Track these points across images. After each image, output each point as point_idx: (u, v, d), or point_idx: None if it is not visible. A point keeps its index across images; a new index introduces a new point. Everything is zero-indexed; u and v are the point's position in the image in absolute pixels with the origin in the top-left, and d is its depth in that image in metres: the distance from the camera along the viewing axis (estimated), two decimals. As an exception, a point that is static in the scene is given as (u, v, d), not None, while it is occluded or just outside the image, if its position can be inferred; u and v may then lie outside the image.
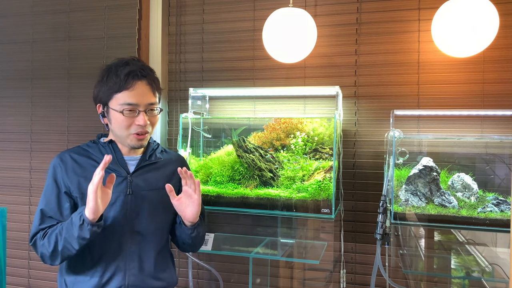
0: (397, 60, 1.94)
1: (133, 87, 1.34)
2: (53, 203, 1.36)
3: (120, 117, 1.34)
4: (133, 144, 1.38)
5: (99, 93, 1.38)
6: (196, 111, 2.07)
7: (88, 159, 1.40)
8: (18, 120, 2.41)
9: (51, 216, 1.35)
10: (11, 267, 2.40)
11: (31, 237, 1.36)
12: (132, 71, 1.34)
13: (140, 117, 1.35)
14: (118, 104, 1.33)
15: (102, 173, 1.21)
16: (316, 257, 1.88)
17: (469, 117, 1.85)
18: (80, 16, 2.31)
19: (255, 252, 1.88)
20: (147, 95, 1.36)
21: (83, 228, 1.23)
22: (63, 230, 1.27)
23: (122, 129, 1.35)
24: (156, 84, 1.41)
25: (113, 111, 1.35)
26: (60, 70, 2.34)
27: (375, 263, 1.68)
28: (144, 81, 1.36)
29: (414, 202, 1.65)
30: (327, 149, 1.81)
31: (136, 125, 1.35)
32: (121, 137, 1.38)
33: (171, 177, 1.48)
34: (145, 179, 1.41)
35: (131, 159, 1.43)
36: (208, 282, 2.16)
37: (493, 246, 1.77)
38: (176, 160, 1.54)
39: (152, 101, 1.38)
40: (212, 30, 2.19)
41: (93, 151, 1.42)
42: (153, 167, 1.45)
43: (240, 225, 2.11)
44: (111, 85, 1.34)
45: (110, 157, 1.22)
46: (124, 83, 1.33)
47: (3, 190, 2.43)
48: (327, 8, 2.03)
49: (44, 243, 1.30)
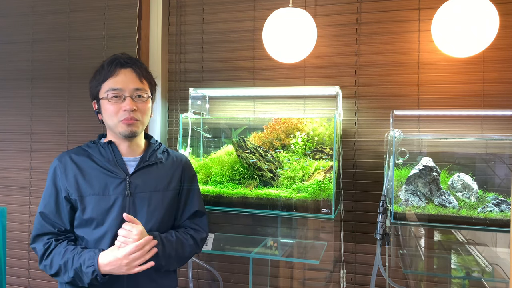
0: (397, 60, 1.94)
1: (116, 74, 1.37)
2: (52, 207, 1.37)
3: (107, 105, 1.37)
4: (123, 131, 1.38)
5: (91, 89, 1.43)
6: (196, 111, 2.07)
7: (87, 159, 1.40)
8: (18, 120, 2.41)
9: (50, 219, 1.36)
10: (11, 267, 2.40)
11: (32, 239, 1.37)
12: (115, 59, 1.39)
13: (126, 101, 1.36)
14: (105, 92, 1.37)
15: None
16: (316, 257, 1.88)
17: (469, 117, 1.85)
18: (80, 16, 2.31)
19: (255, 252, 1.88)
20: (132, 80, 1.38)
21: (97, 279, 1.26)
22: (70, 268, 1.29)
23: (111, 116, 1.37)
24: (142, 71, 1.42)
25: (102, 101, 1.38)
26: (60, 70, 2.34)
27: (375, 263, 1.68)
28: (128, 68, 1.39)
29: (414, 202, 1.65)
30: (327, 149, 1.81)
31: (123, 111, 1.36)
32: (112, 126, 1.39)
33: (172, 178, 1.46)
34: (145, 181, 1.40)
35: (130, 160, 1.42)
36: (208, 282, 2.16)
37: (493, 246, 1.77)
38: (179, 161, 1.52)
39: (138, 86, 1.39)
40: (212, 30, 2.19)
41: (93, 151, 1.41)
42: (153, 168, 1.44)
43: (240, 225, 2.11)
44: (98, 77, 1.40)
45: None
46: (108, 72, 1.37)
47: (3, 190, 2.43)
48: (327, 8, 2.03)
49: (47, 265, 1.33)
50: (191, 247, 1.44)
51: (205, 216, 1.54)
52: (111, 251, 1.27)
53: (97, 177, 1.36)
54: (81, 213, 1.35)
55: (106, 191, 1.35)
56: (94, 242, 1.34)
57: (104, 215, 1.34)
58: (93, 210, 1.34)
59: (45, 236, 1.36)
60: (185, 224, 1.50)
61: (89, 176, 1.36)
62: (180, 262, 1.44)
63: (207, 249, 1.89)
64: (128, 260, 1.24)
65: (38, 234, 1.36)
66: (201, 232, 1.50)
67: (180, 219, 1.49)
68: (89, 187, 1.35)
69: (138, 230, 1.27)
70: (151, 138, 1.52)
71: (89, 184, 1.35)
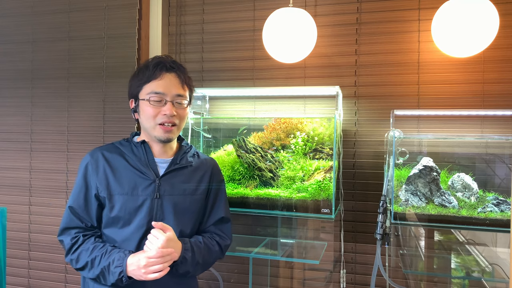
0: (397, 60, 1.94)
1: (161, 77, 1.36)
2: (81, 202, 1.37)
3: (147, 106, 1.36)
4: (160, 135, 1.37)
5: (131, 87, 1.42)
6: (196, 111, 2.07)
7: (120, 157, 1.39)
8: (18, 120, 2.41)
9: (79, 214, 1.36)
10: (11, 267, 2.40)
11: (60, 231, 1.38)
12: (161, 62, 1.38)
13: (167, 106, 1.35)
14: (146, 94, 1.36)
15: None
16: (316, 257, 1.88)
17: (469, 117, 1.85)
18: (80, 16, 2.31)
19: (255, 252, 1.88)
20: (175, 86, 1.38)
21: (122, 281, 1.26)
22: (97, 266, 1.29)
23: (149, 119, 1.36)
24: (186, 78, 1.42)
25: (141, 102, 1.37)
26: (60, 70, 2.34)
27: (375, 263, 1.68)
28: (173, 73, 1.38)
29: (414, 202, 1.65)
30: (327, 149, 1.81)
31: (162, 115, 1.35)
32: (149, 128, 1.38)
33: (200, 183, 1.45)
34: (173, 184, 1.39)
35: (162, 161, 1.41)
36: (208, 282, 2.16)
37: (493, 246, 1.77)
38: (208, 165, 1.50)
39: (180, 92, 1.38)
40: (212, 30, 2.19)
41: (126, 150, 1.41)
42: (183, 171, 1.43)
43: (240, 225, 2.11)
44: (141, 77, 1.38)
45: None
46: (152, 73, 1.36)
47: (3, 190, 2.43)
48: (327, 8, 2.03)
49: (73, 259, 1.33)
50: (216, 253, 1.44)
51: (230, 223, 1.52)
52: (138, 254, 1.27)
53: (127, 177, 1.36)
54: (108, 211, 1.34)
55: (135, 191, 1.34)
56: (121, 242, 1.33)
57: (132, 215, 1.33)
58: (120, 209, 1.33)
59: (72, 230, 1.36)
60: (210, 230, 1.48)
61: (119, 175, 1.36)
62: (205, 268, 1.43)
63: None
64: (147, 263, 1.23)
65: (66, 228, 1.36)
66: (226, 239, 1.49)
67: (206, 224, 1.48)
68: (119, 186, 1.35)
69: (165, 237, 1.26)
70: (182, 141, 1.52)
71: (118, 183, 1.35)
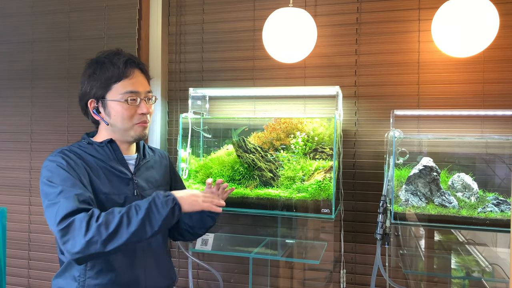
0: (397, 60, 1.94)
1: (132, 75, 1.32)
2: (82, 189, 1.21)
3: (122, 108, 1.30)
4: (138, 134, 1.35)
5: (92, 87, 1.31)
6: (196, 111, 2.07)
7: (91, 156, 1.32)
8: (18, 120, 2.41)
9: (87, 199, 1.20)
10: (11, 267, 2.40)
11: (61, 218, 1.14)
12: (129, 59, 1.33)
13: (142, 105, 1.33)
14: (120, 94, 1.30)
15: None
16: (316, 257, 1.88)
17: (469, 117, 1.85)
18: (80, 16, 2.31)
19: (255, 252, 1.88)
20: (144, 83, 1.36)
21: (174, 211, 1.19)
22: (136, 213, 1.16)
23: (126, 120, 1.31)
24: (147, 73, 1.41)
25: (113, 102, 1.30)
26: (60, 70, 2.33)
27: (375, 263, 1.68)
28: (138, 69, 1.36)
29: (414, 202, 1.65)
30: (327, 149, 1.81)
31: (139, 114, 1.33)
32: (125, 129, 1.33)
33: (164, 174, 1.48)
34: (146, 179, 1.40)
35: (128, 158, 1.39)
36: (208, 282, 2.16)
37: (493, 246, 1.77)
38: (164, 156, 1.55)
39: (148, 89, 1.38)
40: (212, 30, 2.19)
41: (90, 151, 1.33)
42: (148, 165, 1.44)
43: (240, 225, 2.11)
44: (108, 75, 1.29)
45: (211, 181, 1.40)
46: (123, 72, 1.30)
47: (3, 190, 2.43)
48: (327, 8, 2.03)
49: (101, 223, 1.12)
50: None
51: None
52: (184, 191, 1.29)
53: (106, 176, 1.30)
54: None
55: (116, 190, 1.30)
56: None
57: None
58: (105, 208, 1.27)
59: (83, 211, 1.16)
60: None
61: (97, 173, 1.29)
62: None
63: (207, 249, 1.89)
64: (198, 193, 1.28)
65: (72, 211, 1.14)
66: None
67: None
68: (101, 184, 1.28)
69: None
70: None
71: (100, 182, 1.29)
